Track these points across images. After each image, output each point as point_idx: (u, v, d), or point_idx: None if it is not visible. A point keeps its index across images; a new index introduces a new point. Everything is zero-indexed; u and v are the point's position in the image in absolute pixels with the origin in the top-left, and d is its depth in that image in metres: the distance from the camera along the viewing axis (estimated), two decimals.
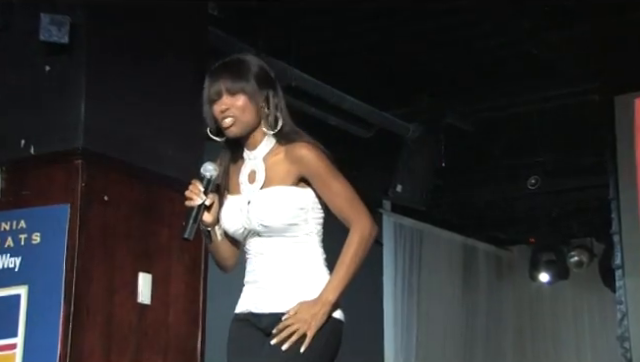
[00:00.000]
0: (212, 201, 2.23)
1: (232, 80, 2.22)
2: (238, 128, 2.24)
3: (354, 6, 4.49)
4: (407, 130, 5.58)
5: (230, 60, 2.29)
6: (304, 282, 2.22)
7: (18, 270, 3.33)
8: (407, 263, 6.63)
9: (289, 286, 2.22)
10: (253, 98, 2.23)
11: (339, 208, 2.22)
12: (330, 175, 2.22)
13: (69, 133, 3.38)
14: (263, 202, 2.22)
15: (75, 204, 3.32)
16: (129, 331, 3.41)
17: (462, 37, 4.85)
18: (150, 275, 3.50)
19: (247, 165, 2.28)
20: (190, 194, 2.21)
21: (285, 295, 2.21)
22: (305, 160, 2.21)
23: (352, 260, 2.21)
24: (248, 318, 2.26)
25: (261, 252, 2.25)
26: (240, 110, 2.22)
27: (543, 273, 7.37)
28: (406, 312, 6.53)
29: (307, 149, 2.22)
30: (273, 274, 2.23)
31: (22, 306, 3.28)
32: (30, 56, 3.46)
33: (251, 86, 2.23)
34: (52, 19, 3.30)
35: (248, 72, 2.24)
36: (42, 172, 3.40)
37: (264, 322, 2.23)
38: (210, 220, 2.25)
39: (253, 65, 2.27)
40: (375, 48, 4.92)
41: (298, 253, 2.23)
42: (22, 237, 3.35)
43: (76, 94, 3.39)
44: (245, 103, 2.22)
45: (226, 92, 2.22)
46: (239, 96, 2.22)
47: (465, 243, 7.36)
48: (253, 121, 2.25)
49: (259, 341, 2.22)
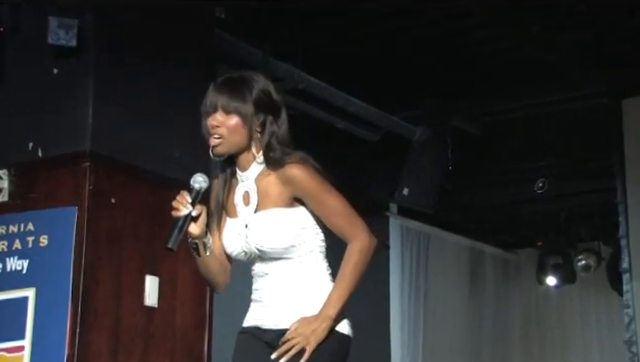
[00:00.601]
0: (199, 212, 2.19)
1: (229, 98, 2.20)
2: (224, 148, 2.22)
3: (361, 9, 4.49)
4: (414, 133, 5.58)
5: (235, 77, 2.26)
6: (309, 299, 2.22)
7: (26, 272, 3.34)
8: (414, 266, 6.62)
9: (294, 303, 2.22)
10: (247, 121, 2.20)
11: (336, 225, 2.21)
12: (324, 193, 2.20)
13: (77, 136, 3.39)
14: (260, 227, 2.21)
15: (82, 207, 3.33)
16: (136, 333, 3.41)
17: (469, 40, 4.84)
18: (157, 278, 3.51)
19: (240, 186, 2.27)
20: (177, 204, 2.18)
21: (290, 312, 2.21)
22: (297, 180, 2.19)
23: (352, 274, 2.20)
24: (254, 332, 2.27)
25: (265, 273, 2.26)
26: (230, 130, 2.20)
27: (550, 277, 7.35)
28: (413, 315, 6.52)
29: (297, 169, 2.19)
30: (277, 293, 2.24)
31: (30, 308, 3.29)
32: (38, 59, 3.48)
33: (247, 108, 2.20)
34: (60, 22, 3.32)
35: (248, 93, 2.21)
36: (50, 175, 3.41)
37: (269, 336, 2.24)
38: (197, 232, 2.20)
39: (257, 87, 2.23)
40: (382, 51, 4.92)
41: (301, 272, 2.23)
42: (30, 239, 3.36)
43: (84, 97, 3.40)
44: (237, 124, 2.20)
45: (221, 108, 2.20)
46: (232, 116, 2.20)
47: (472, 246, 7.35)
48: (242, 143, 2.22)
49: (264, 353, 2.22)
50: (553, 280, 7.37)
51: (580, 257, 7.23)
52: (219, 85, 2.24)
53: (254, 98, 2.21)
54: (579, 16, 4.45)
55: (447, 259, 7.06)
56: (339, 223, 2.21)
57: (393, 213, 6.42)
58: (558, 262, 7.28)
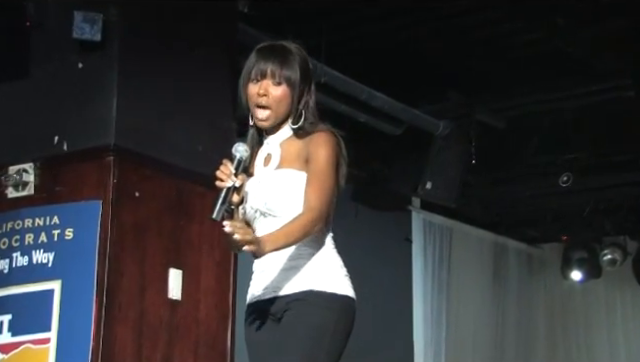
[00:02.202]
0: (242, 182, 2.18)
1: (281, 67, 2.19)
2: (270, 122, 2.23)
3: (385, 2, 4.47)
4: (437, 127, 5.55)
5: (278, 45, 2.25)
6: (307, 265, 2.20)
7: (51, 265, 3.37)
8: (437, 261, 6.59)
9: (292, 269, 2.20)
10: (294, 91, 2.21)
11: (308, 191, 2.17)
12: (326, 163, 2.19)
13: (101, 130, 3.42)
14: (271, 183, 2.22)
15: (107, 200, 3.36)
16: (160, 326, 3.43)
17: (494, 33, 4.80)
18: (180, 271, 3.52)
19: (264, 149, 2.28)
20: (221, 175, 2.16)
21: (289, 278, 2.19)
22: (316, 139, 2.20)
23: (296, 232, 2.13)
24: (258, 307, 2.25)
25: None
26: (277, 101, 2.20)
27: (575, 271, 7.28)
28: (436, 310, 6.50)
29: (324, 134, 2.21)
30: (277, 258, 2.20)
31: (55, 301, 3.32)
32: (63, 53, 3.51)
33: (295, 79, 2.20)
34: (85, 16, 3.34)
35: (296, 63, 2.21)
36: (75, 168, 3.44)
37: (272, 307, 2.21)
38: (237, 200, 2.20)
39: (301, 57, 2.24)
40: (405, 45, 4.90)
41: None
42: (55, 233, 3.39)
43: (108, 91, 3.43)
44: (284, 94, 2.20)
45: (271, 76, 2.19)
46: (281, 86, 2.20)
47: (496, 241, 7.30)
48: (285, 113, 2.23)
49: (271, 331, 2.21)
50: (578, 275, 7.30)
51: (606, 251, 7.16)
52: (266, 52, 2.23)
53: (300, 68, 2.22)
54: (604, 8, 4.40)
55: (470, 253, 7.02)
56: (313, 191, 2.16)
57: (416, 207, 6.39)
58: (583, 256, 7.21)
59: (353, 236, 6.16)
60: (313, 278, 2.19)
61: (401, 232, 6.36)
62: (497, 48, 4.95)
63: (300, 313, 2.16)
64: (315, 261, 2.21)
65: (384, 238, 6.22)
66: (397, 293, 6.21)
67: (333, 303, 2.18)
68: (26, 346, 3.32)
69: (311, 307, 2.17)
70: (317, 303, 2.17)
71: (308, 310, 2.16)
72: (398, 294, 6.21)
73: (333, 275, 2.22)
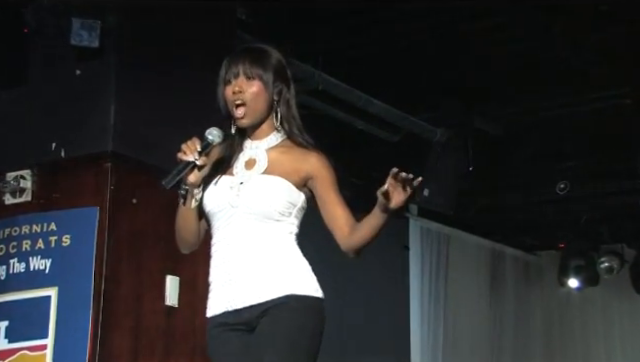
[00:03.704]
0: (204, 163, 2.21)
1: (251, 64, 2.23)
2: (249, 119, 2.24)
3: (381, 10, 4.50)
4: (435, 134, 5.58)
5: (253, 46, 2.32)
6: (282, 269, 2.19)
7: (48, 272, 3.39)
8: (434, 267, 6.61)
9: (267, 275, 2.18)
10: (267, 88, 2.23)
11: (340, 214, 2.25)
12: (336, 185, 2.27)
13: (99, 136, 3.44)
14: (258, 185, 2.22)
15: (104, 207, 3.38)
16: (157, 333, 3.45)
17: (491, 41, 4.83)
18: (177, 278, 3.54)
19: (246, 153, 2.28)
20: (185, 148, 2.20)
21: (263, 285, 2.17)
22: (320, 163, 2.25)
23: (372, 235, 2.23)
24: (225, 320, 2.21)
25: (236, 239, 2.20)
26: (253, 96, 2.22)
27: (572, 279, 7.31)
28: (433, 317, 6.52)
29: (324, 158, 2.27)
30: (248, 264, 2.19)
31: (52, 307, 3.34)
32: (61, 60, 3.53)
33: (268, 75, 2.23)
34: (83, 23, 3.36)
35: (268, 60, 2.25)
36: (72, 175, 3.46)
37: (245, 316, 2.18)
38: (193, 180, 2.22)
39: (274, 57, 2.28)
40: (403, 52, 4.92)
41: (276, 243, 2.21)
42: (52, 239, 3.41)
43: (106, 98, 3.45)
44: (259, 90, 2.22)
45: (243, 75, 2.23)
46: (254, 82, 2.23)
47: (493, 248, 7.33)
48: (263, 111, 2.25)
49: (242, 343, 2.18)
50: (575, 282, 7.33)
51: (603, 259, 7.18)
52: (239, 54, 2.27)
53: (273, 66, 2.25)
54: (602, 16, 4.43)
55: (467, 260, 7.05)
56: (343, 213, 2.25)
57: (413, 214, 6.42)
58: (580, 264, 7.23)
59: None
60: (290, 282, 2.18)
61: (398, 239, 6.38)
62: (495, 56, 4.98)
63: (281, 317, 2.15)
64: (289, 266, 2.21)
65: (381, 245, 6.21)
66: (394, 300, 6.23)
67: (312, 305, 2.20)
68: (23, 352, 3.34)
69: (293, 311, 2.16)
70: (298, 307, 2.17)
71: (290, 314, 2.15)
72: (395, 301, 6.23)
73: (308, 278, 2.23)
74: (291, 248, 2.23)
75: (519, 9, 4.39)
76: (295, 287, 2.18)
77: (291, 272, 2.20)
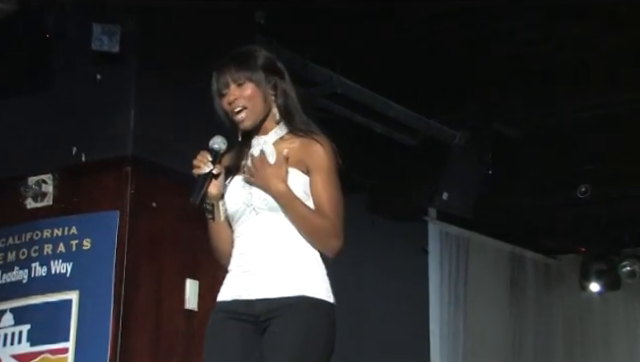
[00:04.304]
0: (219, 171, 2.25)
1: (237, 70, 2.26)
2: (250, 120, 2.27)
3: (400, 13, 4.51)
4: (454, 137, 5.58)
5: (236, 52, 2.33)
6: (299, 267, 2.21)
7: (69, 275, 3.43)
8: (453, 271, 6.60)
9: (283, 271, 2.20)
10: (260, 86, 2.26)
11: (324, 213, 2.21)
12: (332, 179, 2.24)
13: (119, 141, 3.48)
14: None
15: (124, 211, 3.41)
16: (177, 337, 3.48)
17: (511, 43, 4.82)
18: (197, 281, 3.56)
19: (254, 150, 2.30)
20: (198, 163, 2.25)
21: (279, 280, 2.19)
22: (318, 153, 2.25)
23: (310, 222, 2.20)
24: (235, 308, 2.23)
25: (255, 233, 2.23)
26: (248, 99, 2.26)
27: (593, 283, 7.27)
28: (452, 321, 6.51)
29: (323, 145, 2.25)
30: (266, 257, 2.21)
31: (73, 311, 3.38)
32: (82, 65, 3.58)
33: (258, 74, 2.26)
34: (104, 29, 3.41)
35: (254, 61, 2.28)
36: (93, 179, 3.50)
37: (257, 308, 2.19)
38: (215, 192, 2.26)
39: (259, 55, 2.31)
40: (421, 55, 4.93)
41: (293, 237, 2.22)
42: (73, 243, 3.46)
43: (126, 102, 3.49)
44: (253, 91, 2.26)
45: (233, 82, 2.26)
46: (246, 85, 2.26)
47: (512, 251, 7.31)
48: (263, 109, 2.28)
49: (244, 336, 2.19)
50: (597, 286, 7.28)
51: (625, 263, 7.14)
52: (224, 64, 2.30)
53: (261, 64, 2.28)
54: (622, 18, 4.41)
55: (487, 264, 7.03)
56: (329, 213, 2.22)
57: (432, 218, 6.41)
58: (602, 268, 7.19)
59: (368, 247, 6.18)
60: (305, 283, 2.19)
61: (417, 243, 6.39)
62: (514, 58, 4.97)
63: (293, 319, 2.16)
64: (306, 266, 2.22)
65: (400, 249, 6.24)
66: (413, 304, 6.22)
67: (324, 309, 2.20)
68: (44, 356, 3.38)
69: (304, 313, 2.17)
70: (309, 309, 2.18)
71: (301, 316, 2.17)
72: (414, 305, 6.22)
73: (322, 281, 2.23)
74: (309, 249, 2.24)
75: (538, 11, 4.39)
76: (308, 289, 2.19)
77: (306, 273, 2.21)
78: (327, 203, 2.22)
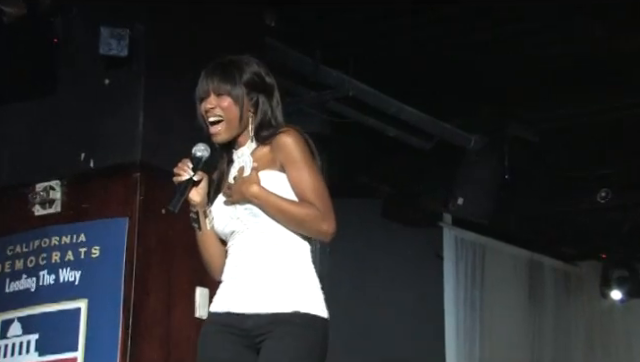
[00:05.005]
0: (200, 178, 2.29)
1: (219, 81, 2.31)
2: (226, 133, 2.31)
3: (413, 15, 4.53)
4: (469, 141, 5.59)
5: (224, 61, 2.37)
6: (292, 282, 2.23)
7: (78, 284, 3.46)
8: (469, 279, 6.60)
9: (276, 285, 2.22)
10: (239, 101, 2.30)
11: (309, 201, 2.23)
12: (305, 164, 2.25)
13: (127, 146, 3.51)
14: None
15: (133, 217, 3.44)
16: (187, 345, 3.50)
17: (527, 44, 4.84)
18: (207, 289, 3.59)
19: (235, 164, 2.35)
20: (178, 170, 2.30)
21: (272, 295, 2.21)
22: (285, 145, 2.26)
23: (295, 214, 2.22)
24: (227, 321, 2.25)
25: (247, 245, 2.26)
26: (225, 110, 2.30)
27: (615, 290, 7.25)
28: (469, 330, 6.51)
29: (287, 135, 2.27)
30: (258, 270, 2.23)
31: (82, 320, 3.41)
32: (90, 70, 3.62)
33: (238, 90, 2.30)
34: (112, 32, 3.44)
35: (239, 75, 2.31)
36: (101, 185, 3.54)
37: (248, 323, 2.22)
38: (198, 199, 2.30)
39: (248, 69, 2.33)
40: (435, 56, 4.95)
41: (286, 249, 2.25)
42: (82, 251, 3.49)
43: (135, 107, 3.52)
44: (230, 105, 2.30)
45: (212, 92, 2.31)
46: (224, 98, 2.30)
47: (530, 258, 7.30)
48: (237, 126, 2.31)
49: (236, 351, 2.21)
50: (618, 294, 7.27)
51: None
52: (210, 71, 2.35)
53: (245, 80, 2.31)
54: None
55: (504, 271, 7.02)
56: (312, 200, 2.23)
57: (447, 223, 6.42)
58: (623, 275, 7.18)
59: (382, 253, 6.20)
60: (298, 298, 2.21)
61: (432, 249, 6.40)
62: (531, 59, 4.98)
63: (287, 335, 2.18)
64: (299, 280, 2.24)
65: (414, 255, 6.26)
66: (428, 312, 6.23)
67: (317, 325, 2.22)
68: None
69: (298, 329, 2.19)
70: (303, 325, 2.20)
71: (296, 332, 2.19)
72: (429, 313, 6.23)
73: (316, 296, 2.26)
74: (303, 263, 2.27)
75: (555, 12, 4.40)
76: (302, 304, 2.21)
77: (300, 287, 2.23)
78: (308, 190, 2.24)
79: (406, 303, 6.09)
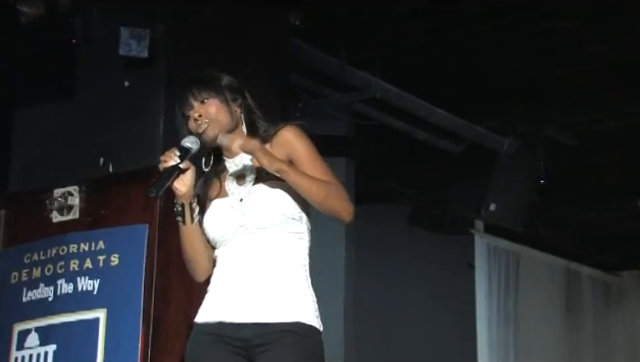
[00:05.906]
0: (187, 167, 2.33)
1: (199, 90, 2.38)
2: (214, 130, 2.36)
3: (443, 13, 4.54)
4: (502, 144, 5.59)
5: (197, 76, 2.45)
6: (292, 292, 2.28)
7: (97, 293, 3.48)
8: (502, 289, 6.58)
9: (277, 294, 2.27)
10: (224, 102, 2.38)
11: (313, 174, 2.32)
12: (315, 154, 2.35)
13: (148, 151, 3.53)
14: (259, 195, 2.33)
15: (154, 224, 3.46)
16: None
17: (561, 44, 4.83)
18: None
19: (232, 171, 2.40)
20: (165, 157, 2.34)
21: (274, 304, 2.25)
22: (290, 139, 2.35)
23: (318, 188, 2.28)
24: (222, 331, 2.29)
25: (246, 253, 2.30)
26: (213, 114, 2.36)
27: None
28: (502, 343, 6.49)
29: (290, 130, 2.36)
30: (257, 279, 2.28)
31: (101, 330, 3.43)
32: (109, 71, 3.65)
33: (221, 92, 2.39)
34: (132, 33, 3.47)
35: (216, 81, 2.42)
36: (121, 191, 3.56)
37: (247, 332, 2.26)
38: (184, 189, 2.34)
39: (222, 77, 2.45)
40: (465, 57, 4.95)
41: (285, 258, 2.30)
42: (101, 259, 3.51)
43: (155, 110, 3.55)
44: (217, 107, 2.37)
45: (195, 101, 2.37)
46: (210, 102, 2.37)
47: (567, 267, 7.27)
48: (228, 122, 2.38)
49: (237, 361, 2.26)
50: None
51: None
52: (188, 86, 2.42)
53: (224, 84, 2.42)
54: None
55: (539, 281, 6.99)
56: (329, 180, 2.32)
57: (479, 230, 6.41)
58: None
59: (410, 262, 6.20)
60: (299, 309, 2.28)
61: (463, 258, 6.39)
62: (566, 60, 4.97)
63: (290, 346, 2.23)
64: (299, 290, 2.30)
65: (444, 264, 6.26)
66: (459, 324, 6.22)
67: (317, 337, 2.29)
68: None
69: (300, 339, 2.25)
70: (305, 335, 2.26)
71: (298, 343, 2.24)
72: (460, 325, 6.22)
73: (314, 308, 2.33)
74: (303, 274, 2.33)
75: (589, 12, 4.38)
76: (303, 315, 2.28)
77: (300, 298, 2.30)
78: (323, 177, 2.31)
79: (435, 315, 6.08)
